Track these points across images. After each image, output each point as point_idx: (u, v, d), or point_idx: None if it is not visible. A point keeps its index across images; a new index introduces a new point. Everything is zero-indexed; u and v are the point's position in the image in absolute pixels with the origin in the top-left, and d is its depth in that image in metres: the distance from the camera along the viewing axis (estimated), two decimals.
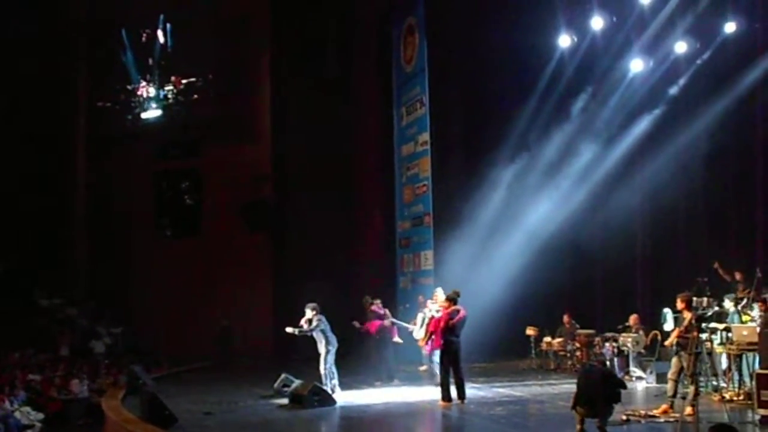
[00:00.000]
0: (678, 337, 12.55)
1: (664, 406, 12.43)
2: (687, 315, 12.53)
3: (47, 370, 21.84)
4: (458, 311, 14.93)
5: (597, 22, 20.69)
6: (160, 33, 29.79)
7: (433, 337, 15.44)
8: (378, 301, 18.04)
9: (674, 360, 12.72)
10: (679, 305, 12.71)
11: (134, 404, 15.00)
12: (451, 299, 15.11)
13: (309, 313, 16.19)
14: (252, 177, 28.28)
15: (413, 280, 23.17)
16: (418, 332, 16.87)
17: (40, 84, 29.87)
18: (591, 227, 21.20)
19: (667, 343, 13.21)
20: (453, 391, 14.76)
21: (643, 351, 16.95)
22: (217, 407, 15.08)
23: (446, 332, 14.76)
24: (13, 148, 29.87)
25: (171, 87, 29.43)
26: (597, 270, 22.10)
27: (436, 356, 15.82)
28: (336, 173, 27.30)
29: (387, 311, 17.72)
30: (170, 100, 29.57)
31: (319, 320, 15.99)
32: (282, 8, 28.27)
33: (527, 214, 21.54)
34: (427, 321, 16.52)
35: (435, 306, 16.58)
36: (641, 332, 17.05)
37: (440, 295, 16.64)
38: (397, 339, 18.02)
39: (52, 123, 30.42)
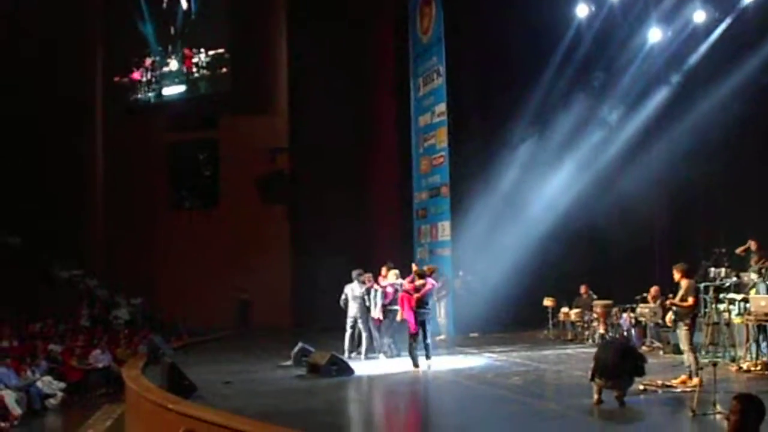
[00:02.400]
0: (675, 306, 12.52)
1: (682, 377, 12.43)
2: (684, 284, 12.47)
3: (68, 341, 22.07)
4: (424, 285, 15.37)
5: None
6: None
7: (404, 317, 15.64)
8: (367, 275, 17.75)
9: (678, 331, 12.70)
10: (676, 276, 12.65)
11: (154, 374, 15.09)
12: (420, 275, 15.62)
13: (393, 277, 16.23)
14: (268, 149, 28.31)
15: (430, 250, 23.22)
16: (375, 311, 16.76)
17: (57, 56, 29.96)
18: (609, 199, 21.15)
19: (667, 320, 13.17)
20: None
21: (660, 322, 16.92)
22: (236, 377, 15.18)
23: (416, 304, 15.23)
24: (30, 121, 30.02)
25: (196, 59, 29.38)
26: (614, 241, 22.08)
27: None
28: (352, 145, 27.32)
29: (372, 284, 17.50)
30: (195, 74, 29.55)
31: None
32: None
33: (544, 184, 21.54)
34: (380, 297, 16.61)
35: (387, 281, 16.64)
36: (659, 303, 17.03)
37: (384, 271, 16.91)
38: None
39: (70, 96, 30.51)
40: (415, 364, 15.22)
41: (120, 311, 27.25)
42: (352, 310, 16.66)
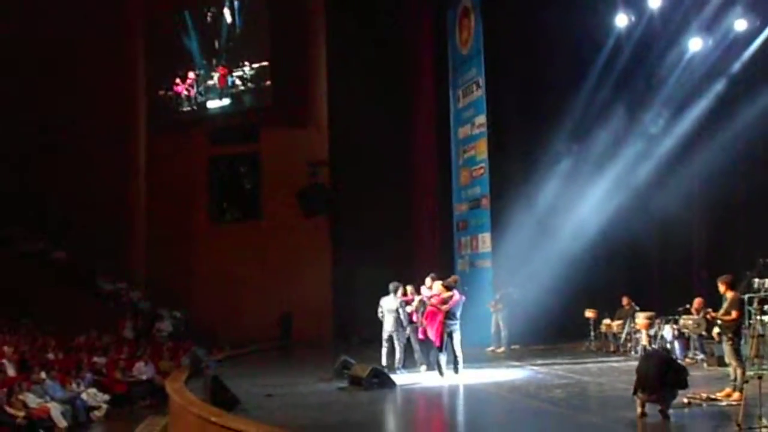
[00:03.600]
0: (718, 319, 12.42)
1: (726, 390, 12.31)
2: (729, 296, 12.36)
3: (112, 353, 22.31)
4: (451, 297, 15.35)
5: (654, 1, 20.44)
6: (227, 12, 29.97)
7: (432, 331, 15.56)
8: (409, 288, 17.67)
9: (723, 345, 12.59)
10: (721, 288, 12.54)
11: (197, 386, 15.21)
12: (447, 286, 15.59)
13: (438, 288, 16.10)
14: (309, 161, 28.43)
15: (471, 262, 23.20)
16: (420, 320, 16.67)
17: (100, 70, 30.37)
18: (649, 210, 21.01)
19: (713, 334, 13.04)
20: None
21: (704, 333, 16.75)
22: (278, 390, 15.25)
23: (444, 316, 15.25)
24: (73, 135, 30.44)
25: (240, 73, 29.62)
26: (655, 252, 21.89)
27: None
28: (392, 157, 27.36)
29: (414, 296, 17.43)
30: (240, 88, 29.80)
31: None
32: None
33: (584, 196, 21.41)
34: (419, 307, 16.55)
35: (428, 292, 16.55)
36: (704, 316, 16.86)
37: (428, 281, 16.75)
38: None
39: (113, 110, 30.91)
40: (441, 374, 15.29)
41: (163, 324, 27.50)
42: (387, 323, 16.53)
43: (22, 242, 30.18)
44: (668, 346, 16.72)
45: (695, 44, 20.36)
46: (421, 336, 16.36)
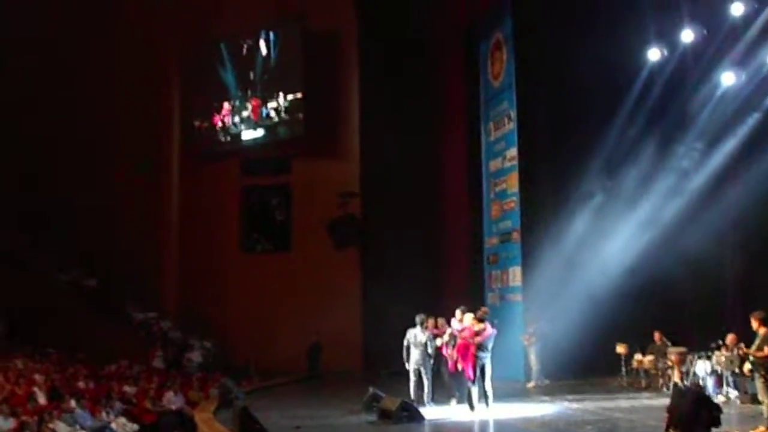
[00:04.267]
0: (750, 355, 12.29)
1: (760, 428, 12.16)
2: (762, 332, 12.24)
3: (142, 382, 22.34)
4: (484, 329, 15.32)
5: (687, 35, 20.35)
6: (262, 44, 30.27)
7: (459, 364, 15.48)
8: (440, 320, 17.57)
9: (756, 381, 12.45)
10: (754, 324, 12.43)
11: (226, 417, 15.25)
12: (480, 318, 15.57)
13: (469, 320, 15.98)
14: (340, 193, 28.52)
15: (502, 296, 23.12)
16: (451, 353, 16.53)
17: (133, 102, 30.72)
18: (681, 246, 20.76)
19: (745, 370, 12.88)
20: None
21: (737, 370, 16.55)
22: (307, 422, 15.23)
23: (476, 349, 15.21)
24: (106, 165, 30.76)
25: (274, 104, 29.86)
26: (687, 288, 21.60)
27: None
28: (423, 189, 27.42)
29: (445, 329, 17.33)
30: (273, 120, 30.01)
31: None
32: (369, 26, 28.55)
33: (616, 231, 21.27)
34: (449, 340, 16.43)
35: (458, 325, 16.42)
36: (737, 352, 16.67)
37: (458, 314, 16.60)
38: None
39: (147, 140, 31.23)
40: (471, 408, 15.21)
41: (193, 354, 27.58)
42: (414, 356, 16.47)
43: (54, 270, 30.46)
44: (701, 382, 16.53)
45: (728, 78, 20.21)
46: (451, 369, 16.29)
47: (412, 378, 16.52)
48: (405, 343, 16.51)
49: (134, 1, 30.87)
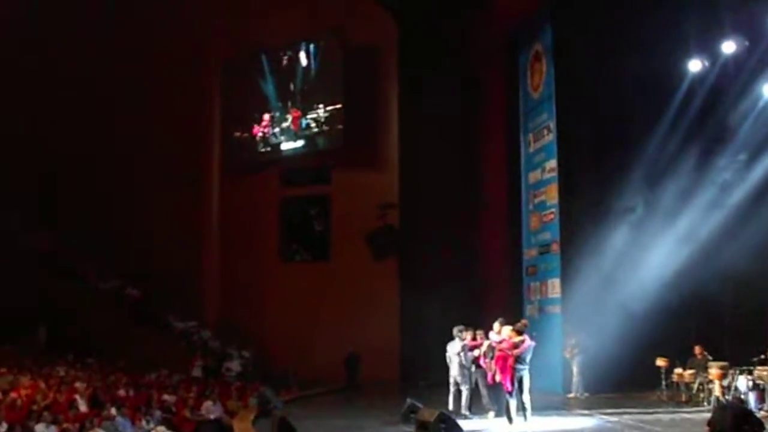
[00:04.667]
0: None
1: None
2: None
3: (181, 391, 22.49)
4: (522, 341, 15.21)
5: (729, 46, 20.21)
6: (302, 56, 30.46)
7: (499, 377, 15.40)
8: (479, 332, 17.48)
9: None
10: None
11: (264, 427, 15.32)
12: (518, 330, 15.47)
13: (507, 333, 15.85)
14: (378, 204, 28.57)
15: (540, 308, 23.02)
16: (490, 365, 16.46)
17: (176, 111, 31.05)
18: (722, 259, 20.55)
19: None
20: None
21: None
22: None
23: (514, 361, 15.12)
24: (149, 175, 31.10)
25: (314, 115, 30.02)
26: (728, 302, 21.35)
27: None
28: (461, 200, 27.38)
29: (482, 341, 17.26)
30: (313, 130, 30.17)
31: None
32: (408, 38, 28.60)
33: (656, 243, 21.11)
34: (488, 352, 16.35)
35: (496, 337, 16.33)
36: None
37: (496, 326, 16.49)
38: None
39: (187, 151, 31.53)
40: (510, 420, 15.14)
41: (232, 363, 27.73)
42: (452, 368, 16.53)
43: (96, 278, 30.81)
44: (742, 397, 16.35)
45: None
46: (490, 381, 16.27)
47: (452, 389, 16.57)
48: (447, 355, 16.61)
49: (176, 12, 31.14)
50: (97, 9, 31.08)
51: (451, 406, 16.37)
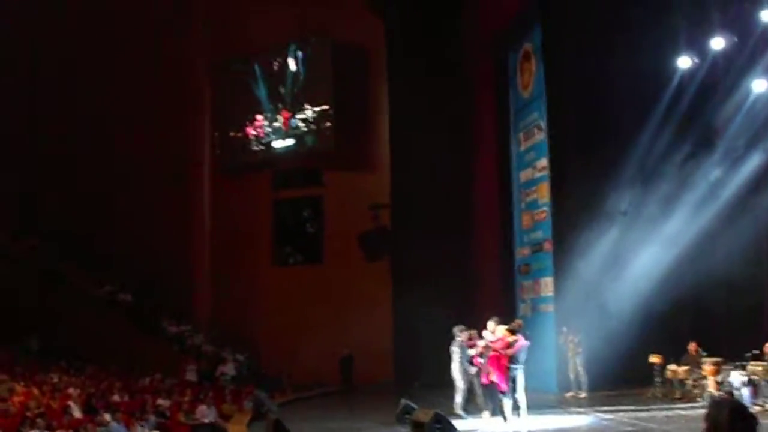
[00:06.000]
0: None
1: None
2: None
3: (175, 395, 22.45)
4: (516, 341, 15.27)
5: (718, 43, 20.23)
6: (291, 61, 30.46)
7: (494, 376, 15.42)
8: (472, 332, 17.48)
9: None
10: None
11: (259, 430, 15.30)
12: (512, 330, 15.55)
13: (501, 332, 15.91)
14: (370, 205, 28.55)
15: (533, 307, 23.03)
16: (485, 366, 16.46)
17: (166, 114, 31.04)
18: (715, 252, 20.61)
19: None
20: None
21: None
22: None
23: (508, 361, 15.19)
24: (140, 178, 31.06)
25: (303, 116, 30.00)
26: (722, 298, 21.39)
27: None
28: (453, 200, 27.40)
29: (476, 342, 17.24)
30: (303, 129, 30.14)
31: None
32: (398, 39, 28.61)
33: (649, 239, 21.13)
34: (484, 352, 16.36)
35: (491, 336, 16.30)
36: None
37: (491, 325, 16.44)
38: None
39: (178, 153, 31.50)
40: (505, 420, 15.22)
41: (226, 367, 27.69)
42: (452, 367, 16.58)
43: (88, 284, 30.74)
44: (736, 392, 16.36)
45: (760, 85, 20.07)
46: (484, 381, 16.27)
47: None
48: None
49: (167, 18, 31.12)
50: (87, 13, 31.03)
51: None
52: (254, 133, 31.32)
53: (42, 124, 31.75)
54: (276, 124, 30.85)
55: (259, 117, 31.27)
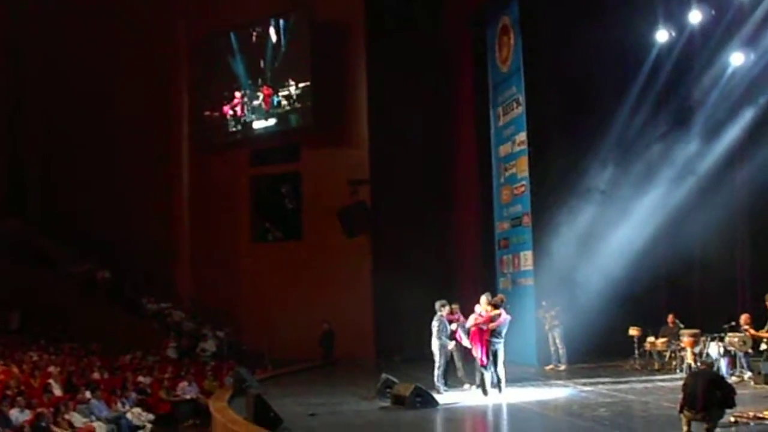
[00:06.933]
0: (764, 337, 12.29)
1: None
2: None
3: (156, 373, 22.48)
4: (499, 315, 15.38)
5: (695, 16, 20.24)
6: (272, 31, 30.12)
7: (477, 350, 15.49)
8: (454, 306, 17.46)
9: None
10: None
11: (240, 405, 15.32)
12: (494, 304, 15.65)
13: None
14: (349, 180, 28.49)
15: (513, 281, 23.11)
16: (466, 340, 16.48)
17: (144, 91, 30.86)
18: (691, 226, 20.73)
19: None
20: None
21: (751, 351, 16.54)
22: (321, 409, 15.30)
23: (490, 334, 15.31)
24: (117, 156, 30.92)
25: (285, 92, 29.69)
26: (698, 270, 21.56)
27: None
28: (433, 176, 27.44)
29: (459, 316, 17.25)
30: (285, 108, 29.87)
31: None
32: (377, 14, 28.49)
33: (627, 213, 21.26)
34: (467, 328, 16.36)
35: (480, 309, 16.30)
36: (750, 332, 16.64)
37: (484, 299, 16.41)
38: (465, 343, 17.32)
39: (156, 131, 31.35)
40: (485, 393, 15.38)
41: (207, 343, 27.69)
42: (432, 341, 16.59)
43: (67, 262, 30.62)
44: (714, 363, 16.51)
45: (737, 59, 20.13)
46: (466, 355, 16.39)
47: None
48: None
49: None
50: None
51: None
52: (231, 112, 30.97)
53: (23, 102, 31.47)
54: (256, 103, 30.48)
55: (237, 94, 30.88)
